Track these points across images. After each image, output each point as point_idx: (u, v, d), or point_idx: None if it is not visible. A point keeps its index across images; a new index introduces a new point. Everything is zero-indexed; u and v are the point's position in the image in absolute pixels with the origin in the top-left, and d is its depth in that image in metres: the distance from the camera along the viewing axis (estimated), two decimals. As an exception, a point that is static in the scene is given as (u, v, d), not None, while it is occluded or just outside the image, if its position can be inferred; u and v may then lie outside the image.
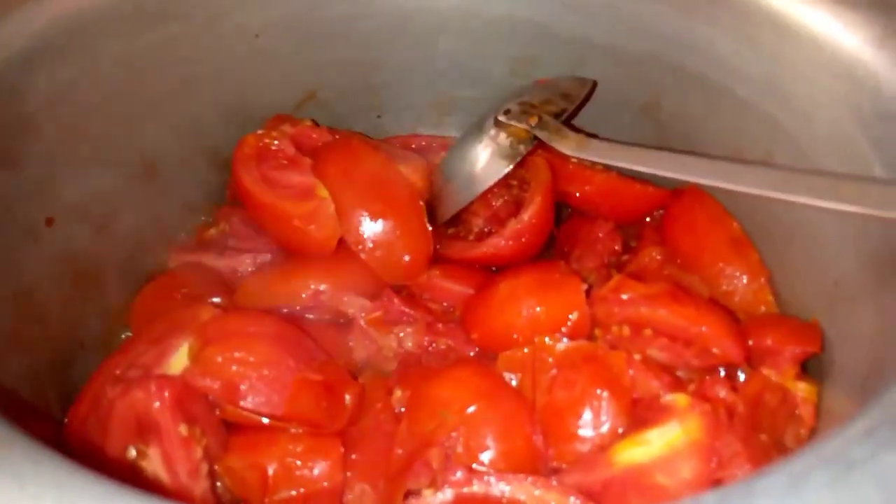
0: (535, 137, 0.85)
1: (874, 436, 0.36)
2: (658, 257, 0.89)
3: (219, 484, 0.70)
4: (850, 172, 0.68)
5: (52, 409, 0.73)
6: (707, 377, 0.71)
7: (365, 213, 0.84)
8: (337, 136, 0.94)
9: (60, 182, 0.76)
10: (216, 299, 0.85)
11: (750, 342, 0.74)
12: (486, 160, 0.87)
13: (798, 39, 0.75)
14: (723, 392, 0.67)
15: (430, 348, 0.84)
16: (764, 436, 0.68)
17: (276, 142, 0.89)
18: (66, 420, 0.72)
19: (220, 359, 0.69)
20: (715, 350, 0.73)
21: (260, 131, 0.89)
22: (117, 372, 0.72)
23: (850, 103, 0.69)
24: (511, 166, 0.85)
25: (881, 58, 0.66)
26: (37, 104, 0.71)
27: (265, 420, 0.70)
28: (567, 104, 0.88)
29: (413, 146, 1.06)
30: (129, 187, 0.86)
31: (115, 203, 0.84)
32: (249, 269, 0.90)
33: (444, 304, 0.89)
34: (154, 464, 0.65)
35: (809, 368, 0.74)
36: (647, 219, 0.96)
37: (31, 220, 0.73)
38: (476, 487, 0.65)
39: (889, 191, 0.54)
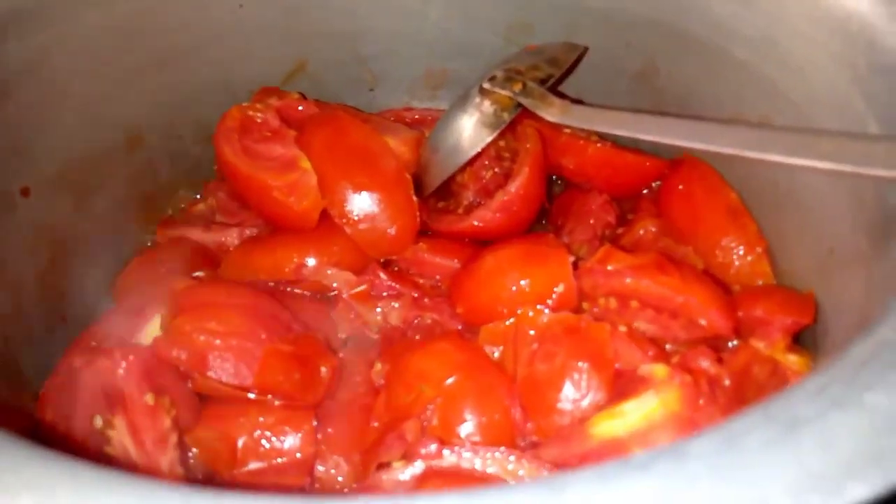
0: (520, 105, 0.82)
1: (824, 393, 0.33)
2: (653, 229, 0.86)
3: (191, 454, 0.69)
4: (845, 131, 0.64)
5: (28, 383, 0.73)
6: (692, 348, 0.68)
7: (349, 186, 0.82)
8: (324, 108, 0.92)
9: (38, 151, 0.76)
10: (200, 273, 0.84)
11: (740, 313, 0.71)
12: (470, 129, 0.85)
13: (794, -6, 0.71)
14: (706, 363, 0.64)
15: (415, 323, 0.83)
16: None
17: (260, 114, 0.88)
18: (40, 393, 0.71)
19: (188, 329, 0.68)
20: (701, 321, 0.70)
21: (245, 104, 0.88)
22: (92, 344, 0.72)
23: (845, 59, 0.65)
24: (494, 135, 0.83)
25: (877, 10, 0.62)
26: (8, 71, 0.70)
27: (241, 392, 0.69)
28: (554, 70, 0.85)
29: (407, 120, 1.05)
30: (111, 159, 0.85)
31: (96, 175, 0.84)
32: (236, 244, 0.89)
33: (432, 278, 0.86)
34: (121, 433, 0.64)
35: (803, 340, 0.70)
36: (645, 191, 0.92)
37: (5, 189, 0.72)
38: (447, 460, 0.63)
39: (872, 146, 0.50)
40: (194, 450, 0.69)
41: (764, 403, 0.33)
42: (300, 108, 0.91)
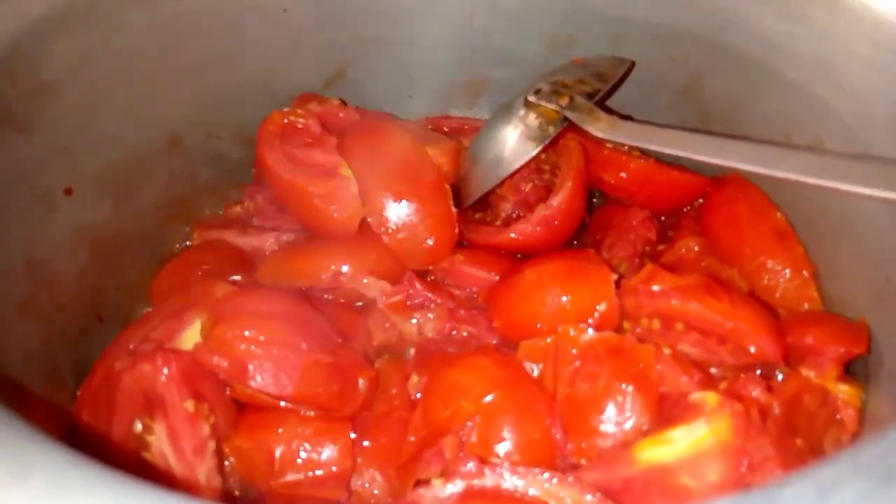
0: (566, 119, 0.81)
1: (919, 442, 0.31)
2: (695, 248, 0.85)
3: (227, 464, 0.69)
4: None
5: (66, 383, 0.73)
6: (741, 375, 0.66)
7: (388, 195, 0.82)
8: (364, 115, 0.92)
9: (80, 151, 0.76)
10: (237, 277, 0.84)
11: (789, 340, 0.70)
12: (514, 141, 0.84)
13: (853, 14, 0.69)
14: (756, 391, 0.62)
15: (450, 335, 0.82)
16: (800, 440, 0.63)
17: (301, 120, 0.87)
18: (77, 394, 0.71)
19: (230, 336, 0.67)
20: (751, 348, 0.68)
21: (286, 109, 0.87)
22: (130, 346, 0.71)
23: (910, 84, 0.64)
24: (538, 148, 0.81)
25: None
26: (55, 71, 0.70)
27: (279, 401, 0.68)
28: (601, 84, 0.83)
29: (444, 128, 1.04)
30: (151, 161, 0.85)
31: (136, 176, 0.84)
32: (272, 248, 0.89)
33: (468, 290, 0.86)
34: (160, 439, 0.64)
35: (854, 370, 0.69)
36: (686, 208, 0.91)
37: (48, 189, 0.73)
38: (488, 480, 0.62)
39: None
40: (231, 459, 0.68)
41: (850, 452, 0.32)
42: (341, 114, 0.90)
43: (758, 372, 0.70)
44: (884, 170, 0.52)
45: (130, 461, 0.64)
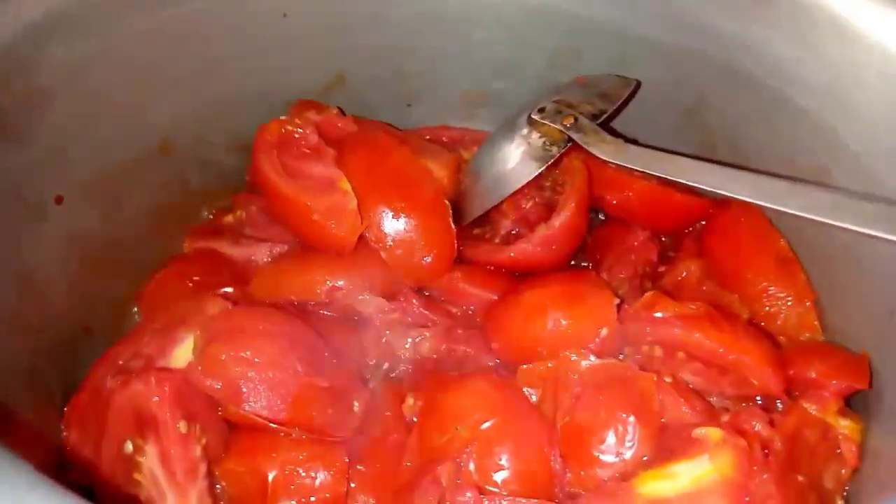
0: (570, 139, 0.80)
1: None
2: (696, 272, 0.84)
3: (219, 487, 0.67)
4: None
5: (53, 397, 0.71)
6: (743, 407, 0.66)
7: (387, 210, 0.80)
8: (363, 126, 0.90)
9: (72, 159, 0.74)
10: (228, 289, 0.82)
11: (791, 372, 0.69)
12: (516, 160, 0.82)
13: (864, 46, 0.69)
14: (759, 426, 0.62)
15: (447, 355, 0.80)
16: (801, 476, 0.62)
17: (299, 129, 0.85)
18: (65, 410, 0.69)
19: (224, 357, 0.65)
20: (753, 380, 0.68)
21: (283, 117, 0.85)
22: (120, 362, 0.69)
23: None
24: (541, 168, 0.80)
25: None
26: (51, 78, 0.68)
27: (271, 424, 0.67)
28: (606, 105, 0.82)
29: (443, 139, 1.02)
30: (143, 167, 0.83)
31: (127, 183, 0.82)
32: (265, 260, 0.87)
33: (466, 308, 0.84)
34: (151, 460, 0.62)
35: (854, 404, 0.68)
36: (688, 230, 0.90)
37: (39, 198, 0.71)
38: (486, 510, 0.61)
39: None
40: (222, 482, 0.67)
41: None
42: (339, 124, 0.89)
43: (758, 400, 0.70)
44: (882, 210, 0.52)
45: (121, 483, 0.63)
